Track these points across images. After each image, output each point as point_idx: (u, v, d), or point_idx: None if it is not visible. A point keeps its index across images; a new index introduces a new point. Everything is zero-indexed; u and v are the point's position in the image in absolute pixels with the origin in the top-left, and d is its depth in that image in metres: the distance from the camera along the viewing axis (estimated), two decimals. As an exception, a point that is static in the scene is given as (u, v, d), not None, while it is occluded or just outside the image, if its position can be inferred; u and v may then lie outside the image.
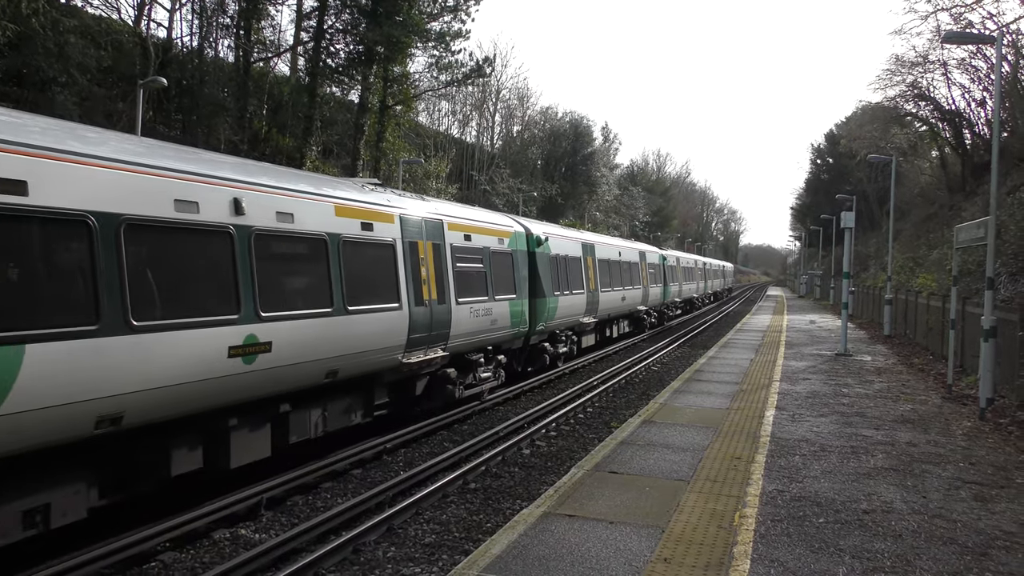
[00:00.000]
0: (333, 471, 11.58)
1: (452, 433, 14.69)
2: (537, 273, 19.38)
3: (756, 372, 18.87)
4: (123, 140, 8.47)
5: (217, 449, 9.32)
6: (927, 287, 28.35)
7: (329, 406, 11.48)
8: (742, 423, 12.62)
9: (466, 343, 15.28)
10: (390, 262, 12.65)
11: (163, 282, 8.09)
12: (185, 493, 9.61)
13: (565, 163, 71.06)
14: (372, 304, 11.86)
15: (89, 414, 7.25)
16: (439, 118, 64.31)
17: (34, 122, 7.41)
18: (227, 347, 8.79)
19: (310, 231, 10.57)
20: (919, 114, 49.57)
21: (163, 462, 8.60)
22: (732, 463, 10.00)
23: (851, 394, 15.95)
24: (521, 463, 12.57)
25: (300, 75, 39.42)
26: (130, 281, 7.62)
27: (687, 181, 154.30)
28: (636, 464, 9.89)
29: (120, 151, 7.92)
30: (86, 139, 7.69)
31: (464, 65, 43.26)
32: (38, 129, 7.21)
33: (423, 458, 12.70)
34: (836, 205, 62.09)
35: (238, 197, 9.21)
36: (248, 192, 9.45)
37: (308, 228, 10.52)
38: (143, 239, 7.83)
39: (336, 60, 36.87)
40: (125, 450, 8.17)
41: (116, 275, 7.48)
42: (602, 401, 18.38)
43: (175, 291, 8.28)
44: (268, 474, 10.75)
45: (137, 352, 7.63)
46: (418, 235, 13.67)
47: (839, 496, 8.68)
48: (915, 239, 45.57)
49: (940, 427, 12.80)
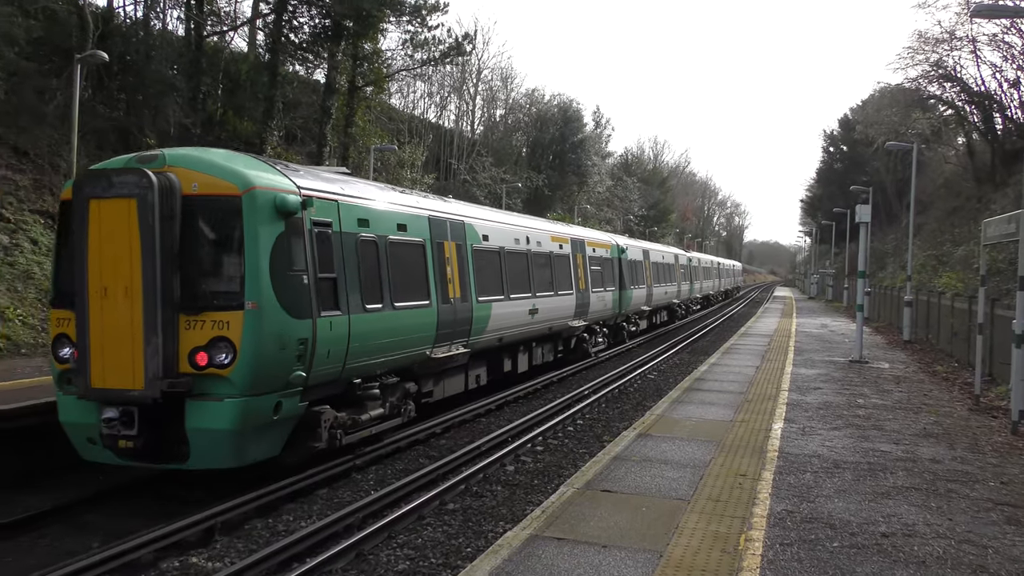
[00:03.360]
0: (296, 491, 11.52)
1: (428, 448, 14.69)
2: (623, 272, 30.53)
3: (762, 381, 18.95)
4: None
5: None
6: (951, 287, 28.60)
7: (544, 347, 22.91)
8: (747, 437, 12.66)
9: (598, 317, 27.40)
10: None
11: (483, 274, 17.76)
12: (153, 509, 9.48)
13: (553, 151, 71.10)
14: (557, 290, 23.04)
15: (496, 335, 18.13)
16: (414, 101, 64.25)
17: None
18: (527, 310, 19.98)
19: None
20: (944, 96, 49.90)
21: (512, 362, 20.31)
22: (736, 481, 10.02)
23: (867, 405, 16.04)
24: (505, 481, 12.56)
25: (259, 51, 39.20)
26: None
27: (686, 171, 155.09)
28: (631, 482, 9.89)
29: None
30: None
31: (442, 42, 43.17)
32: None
33: (396, 476, 12.68)
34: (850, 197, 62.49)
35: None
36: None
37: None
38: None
39: (300, 35, 36.70)
40: (500, 354, 19.41)
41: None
42: (593, 412, 18.43)
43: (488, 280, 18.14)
44: (224, 495, 10.66)
45: (497, 310, 18.07)
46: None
47: (855, 518, 8.71)
48: (938, 235, 45.94)
49: (967, 442, 12.89)
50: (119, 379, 10.30)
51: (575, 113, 73.49)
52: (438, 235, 15.70)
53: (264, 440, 10.96)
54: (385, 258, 13.39)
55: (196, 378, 10.32)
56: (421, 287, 14.66)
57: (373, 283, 12.92)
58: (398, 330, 13.61)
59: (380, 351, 13.08)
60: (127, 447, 10.42)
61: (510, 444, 14.51)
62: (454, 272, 16.07)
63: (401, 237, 14.18)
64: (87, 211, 10.40)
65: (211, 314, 10.36)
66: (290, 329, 10.76)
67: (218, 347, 10.27)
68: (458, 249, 16.53)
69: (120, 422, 10.35)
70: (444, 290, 15.45)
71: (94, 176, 10.63)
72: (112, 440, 10.44)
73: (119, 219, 10.25)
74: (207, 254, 10.73)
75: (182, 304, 10.36)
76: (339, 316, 11.79)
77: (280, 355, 10.66)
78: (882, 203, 67.91)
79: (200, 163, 10.85)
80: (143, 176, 10.23)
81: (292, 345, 10.81)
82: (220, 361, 10.26)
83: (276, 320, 10.56)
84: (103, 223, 10.33)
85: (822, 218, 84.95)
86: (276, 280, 10.58)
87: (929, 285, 34.46)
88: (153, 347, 10.12)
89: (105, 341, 10.36)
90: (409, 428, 15.03)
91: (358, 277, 12.45)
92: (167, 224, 10.28)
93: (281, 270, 10.70)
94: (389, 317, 13.31)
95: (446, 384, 16.34)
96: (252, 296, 10.35)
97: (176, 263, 10.37)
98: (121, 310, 10.28)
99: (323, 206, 11.85)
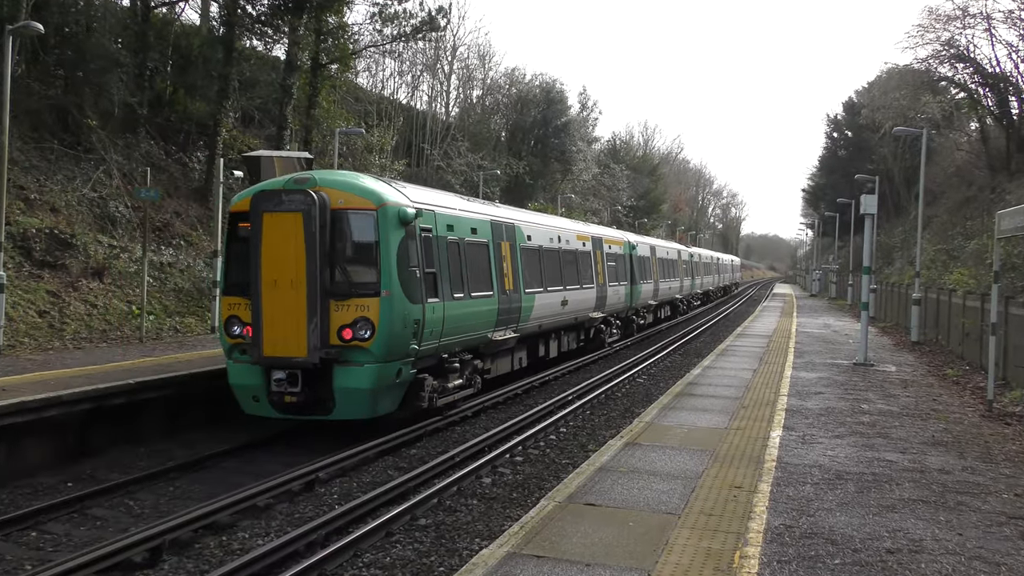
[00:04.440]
0: (253, 505, 11.51)
1: (398, 459, 14.72)
2: (634, 267, 34.72)
3: (760, 385, 19.07)
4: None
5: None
6: (963, 284, 28.84)
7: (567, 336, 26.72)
8: (743, 445, 12.73)
9: (613, 310, 31.45)
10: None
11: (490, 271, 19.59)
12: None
13: (534, 135, 71.09)
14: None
15: (537, 323, 22.10)
16: (383, 80, 63.99)
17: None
18: (560, 301, 23.60)
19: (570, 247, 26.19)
20: (956, 78, 50.29)
21: (544, 347, 23.66)
22: (731, 493, 10.07)
23: (872, 411, 16.18)
24: (481, 494, 12.60)
25: (213, 24, 38.89)
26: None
27: (679, 159, 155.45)
28: (617, 494, 9.93)
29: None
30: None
31: (413, 16, 43.03)
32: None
33: (363, 489, 12.71)
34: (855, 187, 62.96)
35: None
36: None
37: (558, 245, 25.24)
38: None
39: (257, 6, 36.40)
40: (537, 340, 23.01)
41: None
42: (577, 420, 18.52)
43: (536, 275, 22.38)
44: (175, 508, 10.70)
45: (540, 300, 22.10)
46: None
47: (858, 533, 8.78)
48: (949, 227, 46.29)
49: (979, 451, 13.03)
50: (287, 349, 14.30)
51: (559, 95, 73.45)
52: (497, 236, 20.15)
53: (388, 398, 15.16)
54: (464, 256, 17.88)
55: (343, 349, 14.41)
56: (487, 280, 19.07)
57: (457, 276, 17.35)
58: (473, 315, 18.05)
59: (461, 332, 17.50)
60: (291, 402, 14.47)
61: (487, 454, 14.61)
62: (508, 268, 20.49)
63: (473, 239, 18.59)
64: (261, 222, 14.38)
65: (355, 300, 14.47)
66: (410, 312, 14.96)
67: (360, 325, 14.37)
68: (511, 248, 20.94)
69: (287, 382, 14.40)
70: (502, 283, 19.87)
71: (267, 195, 14.64)
72: (279, 396, 14.49)
73: (287, 228, 14.25)
74: (351, 254, 15.02)
75: (332, 292, 14.44)
76: (438, 303, 16.11)
77: (403, 332, 14.82)
78: (889, 193, 68.48)
79: (344, 184, 15.15)
80: (307, 195, 14.23)
81: (410, 324, 15.02)
82: (361, 336, 14.35)
83: (401, 305, 14.73)
84: (274, 231, 14.33)
85: (825, 209, 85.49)
86: (400, 274, 14.78)
87: (939, 282, 34.77)
88: (314, 324, 14.17)
89: (275, 320, 14.33)
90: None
91: (448, 272, 16.88)
92: (322, 231, 14.28)
93: (403, 266, 14.86)
94: (468, 304, 17.71)
95: (499, 363, 20.70)
96: (385, 286, 14.54)
97: (328, 261, 14.43)
98: (288, 297, 14.29)
99: (426, 215, 16.17)
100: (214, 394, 16.50)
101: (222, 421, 16.66)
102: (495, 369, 20.30)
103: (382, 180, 16.42)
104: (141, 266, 23.38)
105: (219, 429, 16.41)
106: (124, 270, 25.21)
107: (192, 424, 16.54)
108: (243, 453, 14.92)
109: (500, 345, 19.85)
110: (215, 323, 23.73)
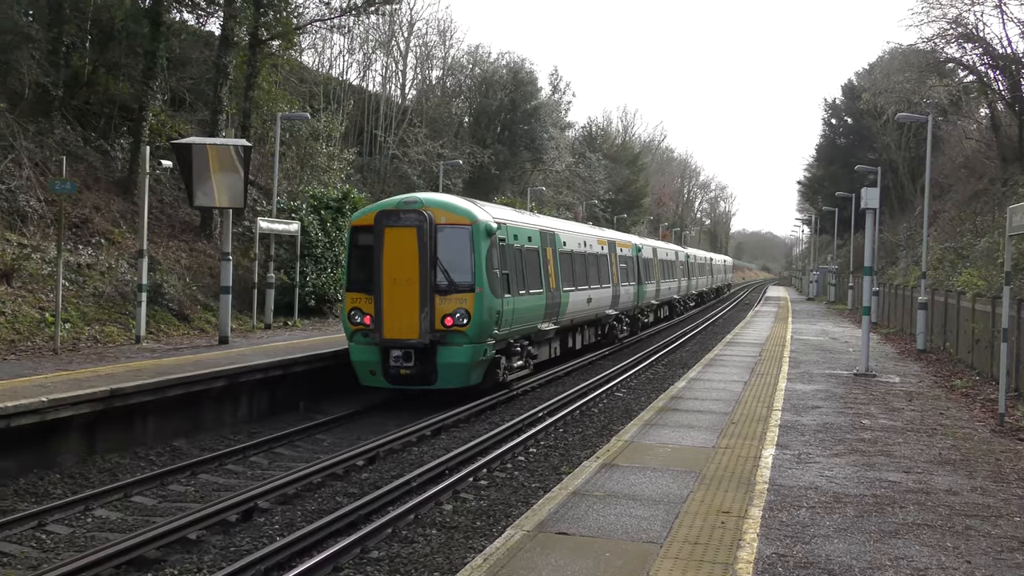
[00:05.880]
0: (183, 538, 11.43)
1: (347, 484, 14.68)
2: (639, 268, 41.20)
3: (751, 399, 19.20)
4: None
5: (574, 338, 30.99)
6: (972, 286, 29.12)
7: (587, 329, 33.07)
8: (732, 466, 12.81)
9: (624, 308, 37.71)
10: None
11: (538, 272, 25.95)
12: None
13: (501, 121, 71.20)
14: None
15: (570, 317, 28.82)
16: (331, 59, 63.88)
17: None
18: (586, 299, 30.38)
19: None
20: (964, 60, 50.71)
21: (573, 339, 30.61)
22: (719, 519, 10.12)
23: (874, 427, 16.34)
24: (441, 523, 12.62)
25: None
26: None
27: (662, 147, 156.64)
28: (592, 522, 9.95)
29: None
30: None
31: (365, -14, 42.96)
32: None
33: (308, 518, 12.68)
34: (856, 179, 63.66)
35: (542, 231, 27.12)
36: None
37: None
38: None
39: (189, -25, 36.18)
40: (568, 333, 29.81)
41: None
42: (548, 439, 18.61)
43: (574, 275, 29.37)
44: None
45: (572, 297, 28.52)
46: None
47: (857, 562, 8.87)
48: (958, 223, 46.70)
49: (989, 470, 13.18)
50: (403, 332, 20.34)
51: (528, 76, 73.61)
52: (544, 243, 26.61)
53: (477, 372, 21.36)
54: (524, 260, 24.23)
55: (445, 333, 20.47)
56: (538, 280, 25.40)
57: (520, 277, 23.64)
58: (530, 308, 24.39)
59: (522, 321, 23.72)
60: (406, 374, 20.59)
61: (447, 478, 14.63)
62: (552, 269, 26.86)
63: (530, 245, 25.08)
64: (383, 234, 20.48)
65: (456, 295, 20.56)
66: (494, 304, 21.18)
67: (460, 314, 20.46)
68: (552, 253, 27.32)
69: (403, 358, 20.48)
70: (547, 282, 26.12)
71: (387, 214, 20.79)
72: (396, 370, 20.58)
73: (404, 239, 20.37)
74: (452, 259, 20.70)
75: (437, 289, 20.47)
76: (510, 298, 22.32)
77: (489, 320, 21.00)
78: (892, 186, 69.19)
79: (445, 205, 21.45)
80: (420, 214, 20.47)
81: (494, 314, 21.20)
82: (460, 322, 20.46)
83: (489, 299, 20.89)
84: (394, 241, 20.40)
85: (823, 203, 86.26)
86: (488, 274, 20.91)
87: (947, 283, 35.14)
88: (424, 313, 20.21)
89: (394, 311, 20.34)
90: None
91: (515, 273, 23.07)
92: (430, 242, 20.38)
93: (489, 268, 21.02)
94: (527, 299, 24.04)
95: (542, 350, 26.86)
96: (479, 284, 20.65)
97: (434, 264, 20.46)
98: (404, 292, 20.31)
99: (502, 228, 22.41)
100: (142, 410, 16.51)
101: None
102: (540, 355, 26.69)
103: (471, 201, 23.39)
104: (55, 268, 23.05)
105: (152, 448, 16.35)
106: (36, 272, 24.87)
107: (115, 446, 16.46)
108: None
109: (545, 335, 26.40)
110: (140, 332, 23.61)
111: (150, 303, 25.23)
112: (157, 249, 29.60)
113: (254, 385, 20.42)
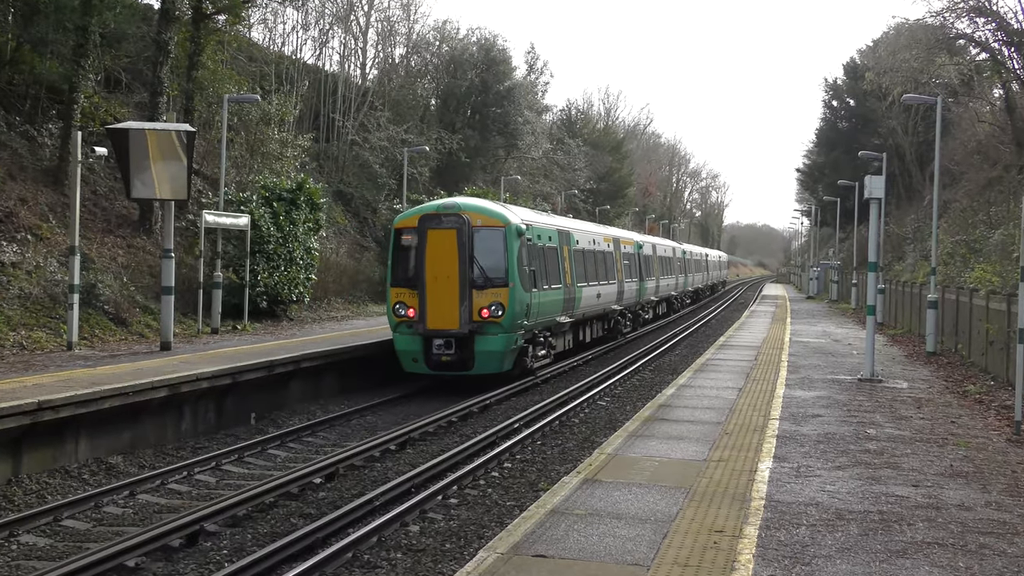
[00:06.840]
0: (120, 565, 11.34)
1: (303, 504, 14.62)
2: (640, 265, 46.35)
3: (746, 407, 19.25)
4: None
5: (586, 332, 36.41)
6: (986, 283, 29.29)
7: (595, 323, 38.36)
8: (726, 480, 12.83)
9: (627, 304, 42.80)
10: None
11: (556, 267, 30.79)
12: None
13: (471, 103, 70.96)
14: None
15: (582, 311, 34.00)
16: (284, 35, 63.55)
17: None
18: (596, 294, 35.74)
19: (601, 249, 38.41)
20: (976, 36, 50.93)
21: (584, 333, 35.75)
22: (711, 539, 10.13)
23: (880, 437, 16.41)
24: (407, 546, 12.59)
25: (68, -35, 38.24)
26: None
27: (648, 132, 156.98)
28: (572, 543, 9.94)
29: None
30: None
31: (320, -46, 42.82)
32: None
33: (259, 541, 12.62)
34: (859, 166, 63.86)
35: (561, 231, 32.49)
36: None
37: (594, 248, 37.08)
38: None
39: (124, -58, 35.88)
40: (580, 326, 34.87)
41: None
42: (525, 453, 18.61)
43: (586, 271, 34.78)
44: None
45: (584, 292, 33.70)
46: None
47: (863, 583, 8.88)
48: (970, 214, 46.93)
49: (1005, 483, 13.24)
50: (444, 323, 24.65)
51: (501, 54, 73.36)
52: (561, 241, 31.14)
53: (508, 359, 25.72)
54: (546, 258, 28.76)
55: (482, 323, 24.68)
56: (558, 276, 29.89)
57: (543, 273, 28.01)
58: (551, 303, 28.71)
59: (545, 314, 28.08)
60: (447, 361, 24.87)
61: (413, 496, 14.59)
62: (568, 266, 31.38)
63: (551, 244, 29.55)
64: (426, 235, 24.75)
65: (491, 290, 24.79)
66: (524, 297, 25.44)
67: (495, 307, 24.67)
68: (568, 251, 31.90)
69: (444, 347, 24.78)
70: (564, 278, 30.66)
71: (429, 217, 25.17)
72: (438, 357, 24.84)
73: (445, 240, 24.66)
74: (488, 258, 25.02)
75: (474, 284, 24.72)
76: (536, 292, 26.63)
77: (521, 312, 25.28)
78: (899, 173, 69.65)
79: (481, 209, 25.89)
80: (459, 217, 24.82)
81: (524, 307, 25.46)
82: (496, 314, 24.66)
83: (520, 293, 25.16)
84: (436, 242, 24.69)
85: (823, 193, 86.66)
86: (519, 271, 25.22)
87: (958, 280, 35.33)
88: (464, 306, 24.44)
89: (435, 303, 24.60)
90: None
91: (539, 269, 27.45)
92: (469, 242, 24.61)
93: (520, 265, 25.36)
94: (550, 293, 28.40)
95: (559, 342, 31.21)
96: (511, 280, 24.93)
97: (472, 262, 24.70)
98: (445, 287, 24.54)
99: (529, 229, 26.77)
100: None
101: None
102: (557, 346, 31.05)
103: (502, 205, 29.01)
104: (-23, 267, 22.89)
105: (85, 466, 16.22)
106: (-45, 272, 24.66)
107: (43, 465, 16.32)
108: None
109: (562, 327, 30.77)
110: (72, 338, 23.44)
111: (83, 305, 25.04)
112: (91, 246, 29.37)
113: (199, 396, 20.24)
